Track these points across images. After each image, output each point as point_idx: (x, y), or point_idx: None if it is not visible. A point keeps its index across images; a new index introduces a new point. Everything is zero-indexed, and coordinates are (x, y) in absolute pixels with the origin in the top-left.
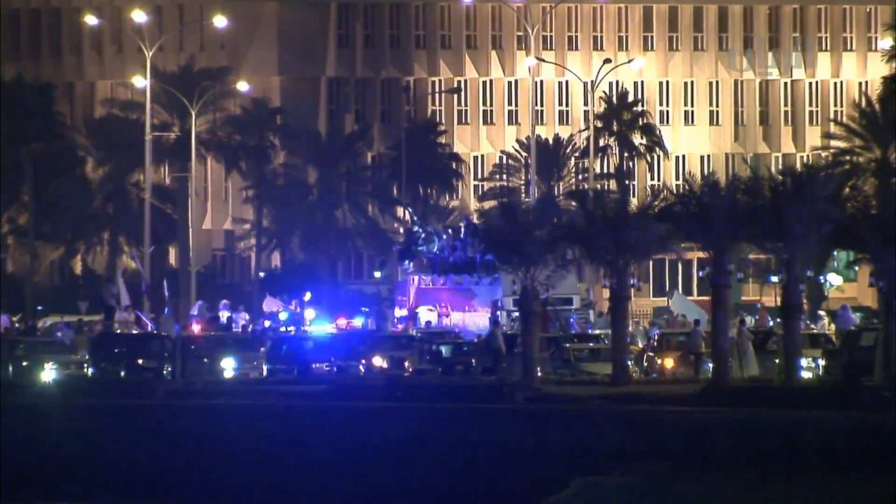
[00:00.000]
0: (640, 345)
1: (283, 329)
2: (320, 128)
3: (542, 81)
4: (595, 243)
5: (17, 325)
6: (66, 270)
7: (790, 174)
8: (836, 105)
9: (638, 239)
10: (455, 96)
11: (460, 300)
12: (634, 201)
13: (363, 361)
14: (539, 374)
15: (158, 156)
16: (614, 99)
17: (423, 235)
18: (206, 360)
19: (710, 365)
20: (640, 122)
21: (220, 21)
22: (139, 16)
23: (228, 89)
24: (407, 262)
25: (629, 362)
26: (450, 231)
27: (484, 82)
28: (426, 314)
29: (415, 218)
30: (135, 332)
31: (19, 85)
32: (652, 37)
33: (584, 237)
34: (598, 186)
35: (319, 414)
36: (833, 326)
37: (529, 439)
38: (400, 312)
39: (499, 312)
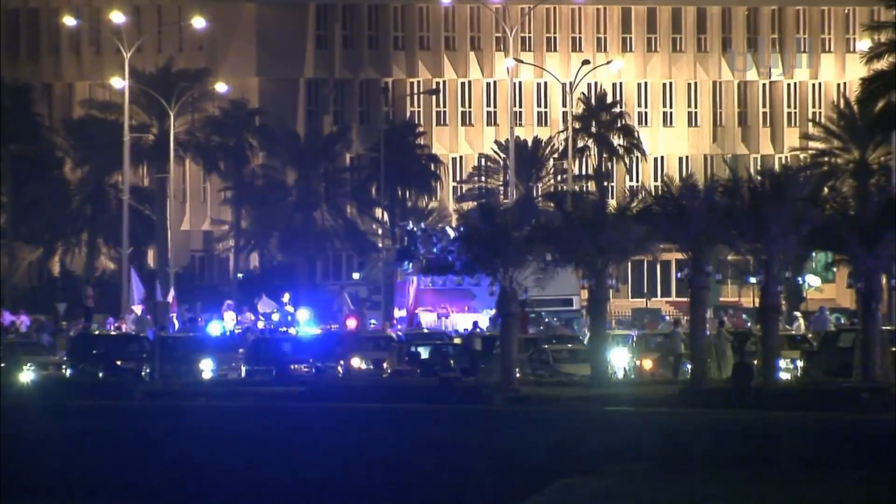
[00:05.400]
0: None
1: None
2: (299, 129)
3: (520, 83)
4: (573, 245)
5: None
6: (45, 271)
7: (768, 175)
8: (814, 106)
9: (616, 240)
10: (434, 97)
11: (460, 301)
12: (613, 202)
13: (342, 362)
14: (518, 375)
15: (137, 157)
16: (593, 100)
17: (420, 236)
18: (184, 361)
19: (689, 366)
20: (619, 124)
21: (198, 22)
22: (117, 17)
23: (207, 90)
24: (406, 262)
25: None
26: (449, 232)
27: (462, 83)
28: (426, 315)
29: (402, 223)
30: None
31: None
32: (630, 38)
33: (562, 238)
34: (577, 188)
35: (297, 415)
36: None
37: (506, 441)
38: (399, 313)
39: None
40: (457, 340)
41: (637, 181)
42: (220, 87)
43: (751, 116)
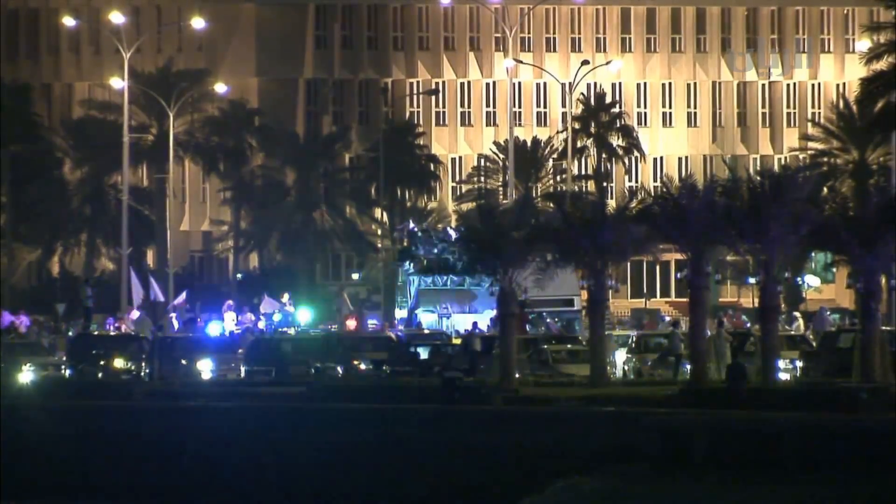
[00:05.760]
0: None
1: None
2: (298, 129)
3: (519, 83)
4: (572, 245)
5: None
6: (44, 272)
7: (768, 175)
8: (813, 107)
9: (615, 241)
10: (433, 98)
11: (461, 302)
12: (612, 203)
13: (342, 363)
14: (517, 375)
15: (136, 157)
16: (592, 100)
17: (421, 236)
18: (183, 361)
19: (688, 366)
20: (618, 124)
21: (197, 23)
22: (117, 17)
23: (206, 91)
24: (408, 263)
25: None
26: (451, 233)
27: (462, 84)
28: (427, 315)
29: (402, 224)
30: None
31: None
32: (630, 38)
33: (561, 239)
34: (576, 188)
35: (295, 416)
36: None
37: (506, 441)
38: (400, 313)
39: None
40: (456, 341)
41: (636, 181)
42: (220, 87)
43: (750, 117)
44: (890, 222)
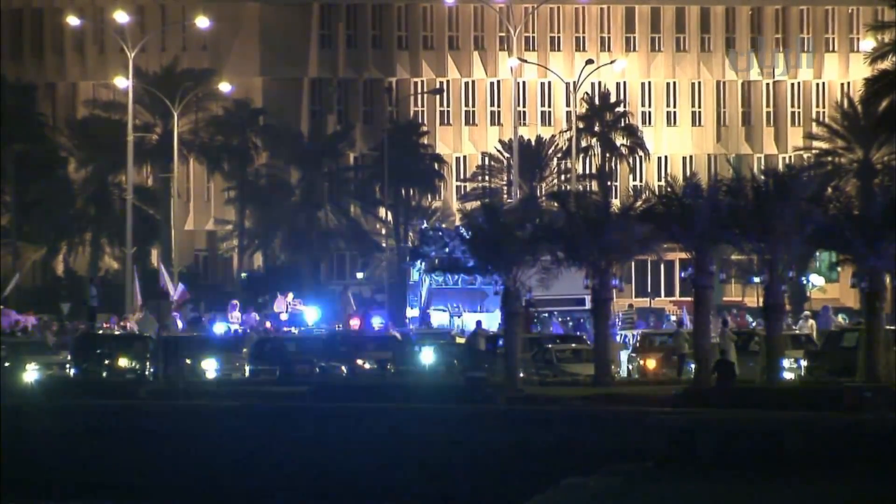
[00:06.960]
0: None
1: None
2: (302, 128)
3: (524, 82)
4: (577, 244)
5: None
6: (48, 271)
7: (772, 175)
8: (818, 106)
9: (620, 240)
10: (437, 97)
11: (473, 301)
12: (616, 202)
13: (346, 362)
14: (522, 374)
15: (141, 157)
16: (596, 100)
17: (432, 236)
18: (188, 360)
19: (693, 366)
20: (622, 123)
21: (202, 22)
22: (121, 16)
23: (211, 90)
24: (419, 262)
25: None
26: (461, 231)
27: (466, 83)
28: (438, 315)
29: (409, 223)
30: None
31: (0, 85)
32: (634, 38)
33: (565, 238)
34: (580, 187)
35: (301, 415)
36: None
37: (511, 440)
38: (411, 313)
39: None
40: (459, 340)
41: (640, 181)
42: (224, 86)
43: (754, 116)
44: (894, 222)
